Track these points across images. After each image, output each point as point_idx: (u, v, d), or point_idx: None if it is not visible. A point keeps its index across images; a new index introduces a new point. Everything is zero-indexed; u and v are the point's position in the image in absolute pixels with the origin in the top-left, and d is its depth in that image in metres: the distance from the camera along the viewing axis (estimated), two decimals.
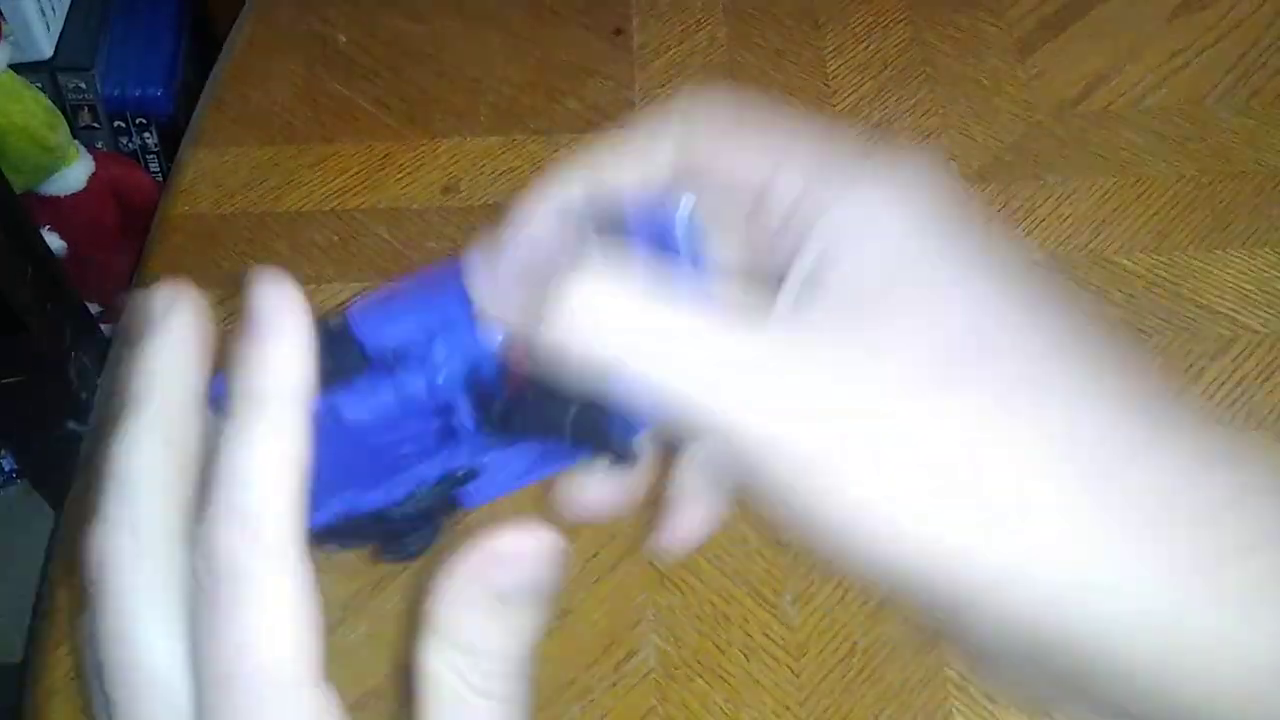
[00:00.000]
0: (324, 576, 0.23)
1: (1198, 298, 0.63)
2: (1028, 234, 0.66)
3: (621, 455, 0.29)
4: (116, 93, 1.18)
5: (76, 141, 1.10)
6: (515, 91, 0.74)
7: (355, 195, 0.69)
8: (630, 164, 0.30)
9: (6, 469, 1.20)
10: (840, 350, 0.24)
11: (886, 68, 0.74)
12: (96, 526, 0.24)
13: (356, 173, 0.70)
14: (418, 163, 0.70)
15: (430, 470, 0.29)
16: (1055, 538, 0.23)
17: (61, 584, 0.54)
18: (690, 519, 0.31)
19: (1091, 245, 0.66)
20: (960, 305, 0.25)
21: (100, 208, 1.12)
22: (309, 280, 0.64)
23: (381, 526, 0.29)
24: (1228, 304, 0.63)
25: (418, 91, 0.74)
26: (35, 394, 0.97)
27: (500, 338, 0.28)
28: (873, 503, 0.23)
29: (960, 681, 0.51)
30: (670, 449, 0.30)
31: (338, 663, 0.23)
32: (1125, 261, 0.65)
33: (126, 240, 1.13)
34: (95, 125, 1.18)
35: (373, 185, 0.69)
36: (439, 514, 0.30)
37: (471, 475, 0.29)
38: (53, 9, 1.14)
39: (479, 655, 0.24)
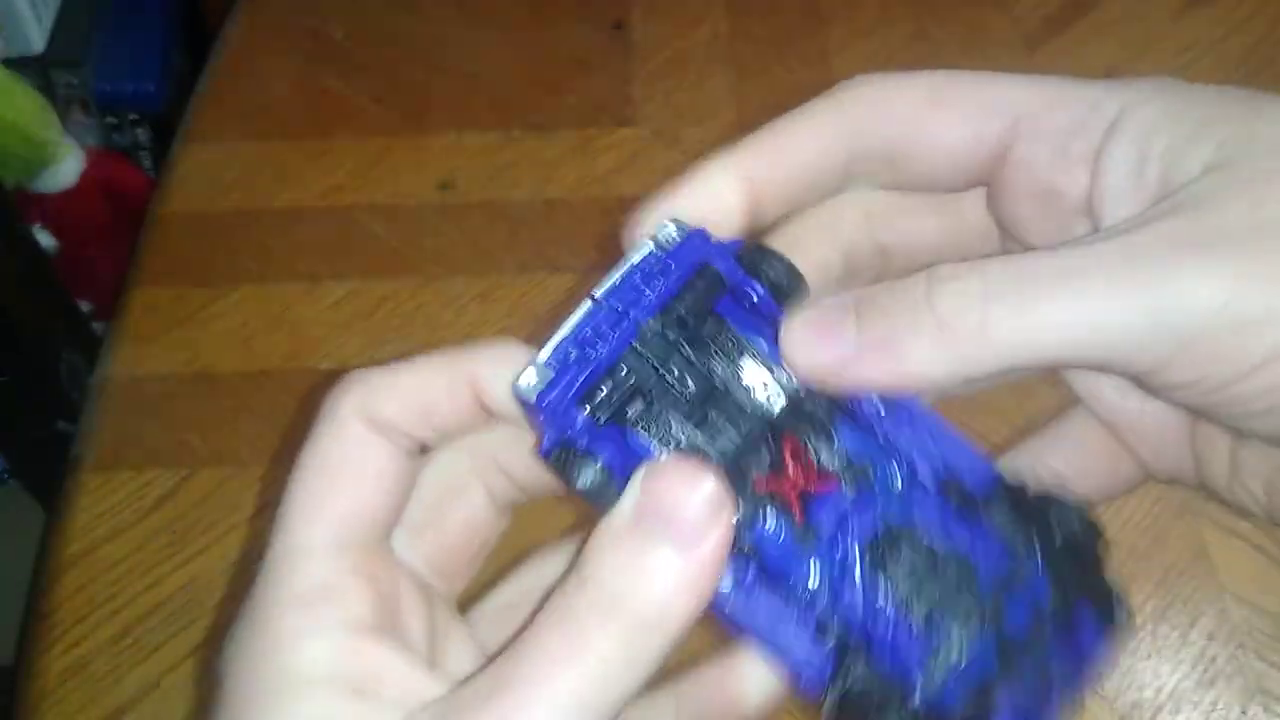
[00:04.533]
0: None
1: None
2: None
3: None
4: (108, 88, 1.17)
5: (68, 137, 1.09)
6: (513, 86, 0.73)
7: (350, 191, 0.67)
8: (790, 153, 0.27)
9: None
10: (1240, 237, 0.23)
11: (891, 62, 0.73)
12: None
13: (351, 169, 0.68)
14: (414, 158, 0.69)
15: None
16: None
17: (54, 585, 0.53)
18: None
19: None
20: None
21: (91, 205, 1.11)
22: (303, 278, 0.63)
23: None
24: None
25: (414, 86, 0.73)
26: (25, 393, 0.96)
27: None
28: None
29: None
30: None
31: None
32: None
33: (118, 237, 1.12)
34: (87, 120, 1.17)
35: (368, 181, 0.68)
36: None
37: None
38: (44, 3, 1.13)
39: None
